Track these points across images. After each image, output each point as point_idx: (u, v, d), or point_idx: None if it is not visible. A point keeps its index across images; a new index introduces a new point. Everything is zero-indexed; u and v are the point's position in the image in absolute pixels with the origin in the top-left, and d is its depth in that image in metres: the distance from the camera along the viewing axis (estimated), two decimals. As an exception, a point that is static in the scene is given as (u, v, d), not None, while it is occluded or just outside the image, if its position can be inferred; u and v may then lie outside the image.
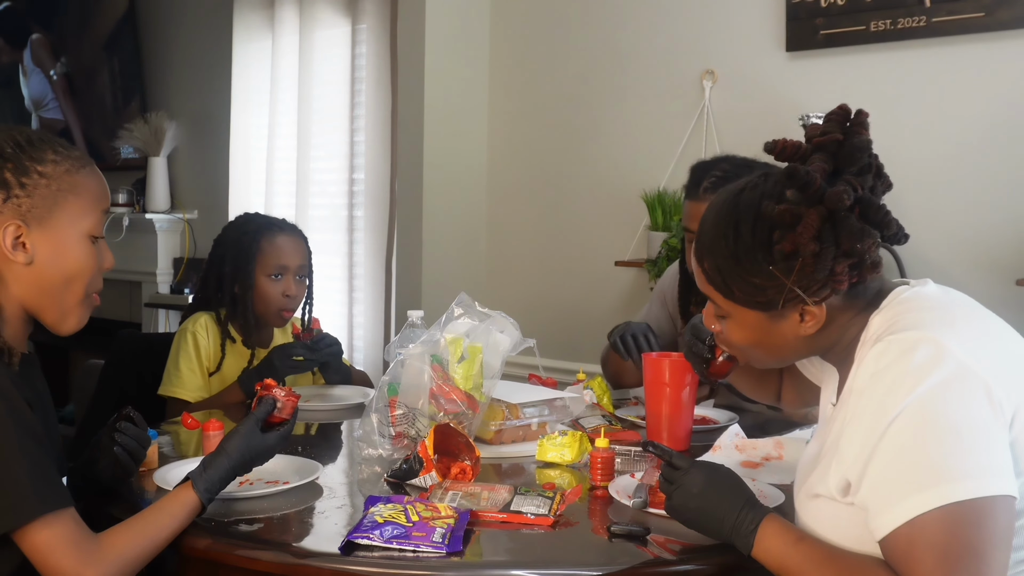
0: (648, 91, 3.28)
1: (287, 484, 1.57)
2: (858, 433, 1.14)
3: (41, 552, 1.24)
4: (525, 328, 1.89)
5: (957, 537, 1.06)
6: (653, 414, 1.84)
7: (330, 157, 3.93)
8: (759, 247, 1.21)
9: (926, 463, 1.08)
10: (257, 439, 1.45)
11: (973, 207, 2.67)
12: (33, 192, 1.32)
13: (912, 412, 1.09)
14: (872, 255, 1.19)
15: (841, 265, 1.17)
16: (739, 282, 1.24)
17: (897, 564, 1.10)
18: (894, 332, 1.16)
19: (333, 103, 3.91)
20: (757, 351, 1.31)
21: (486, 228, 3.78)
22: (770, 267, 1.20)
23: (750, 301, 1.24)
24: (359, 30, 3.81)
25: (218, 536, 1.37)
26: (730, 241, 1.23)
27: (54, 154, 1.35)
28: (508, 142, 3.70)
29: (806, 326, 1.24)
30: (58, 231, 1.34)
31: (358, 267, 3.84)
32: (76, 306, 1.39)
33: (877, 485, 1.12)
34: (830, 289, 1.19)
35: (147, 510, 1.36)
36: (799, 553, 1.19)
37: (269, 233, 2.38)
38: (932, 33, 2.67)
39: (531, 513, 1.42)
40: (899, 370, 1.12)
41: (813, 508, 1.24)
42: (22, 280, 1.34)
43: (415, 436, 1.73)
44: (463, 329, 1.84)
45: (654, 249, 3.08)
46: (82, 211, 1.37)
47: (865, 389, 1.16)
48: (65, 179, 1.35)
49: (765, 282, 1.21)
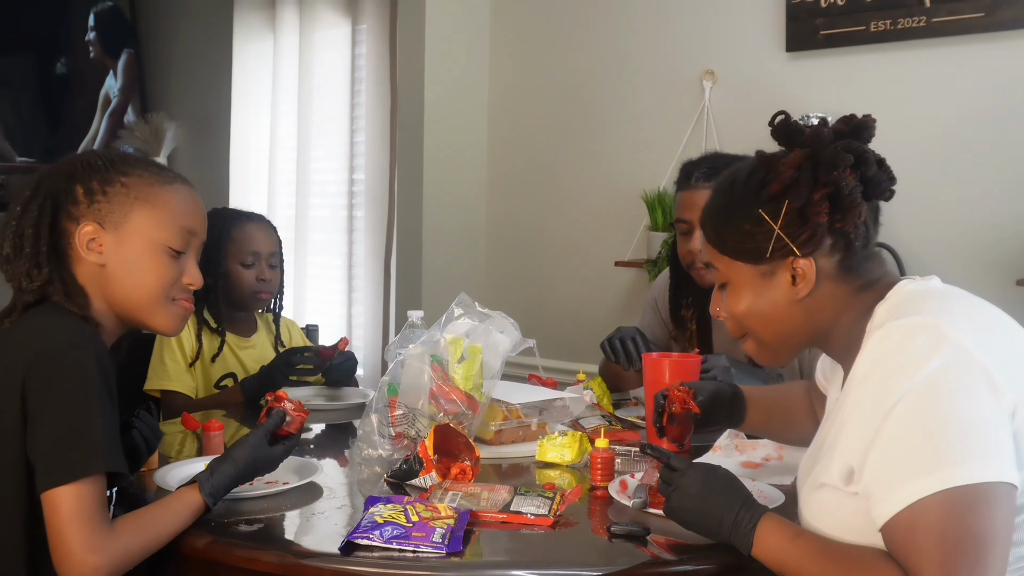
0: (648, 91, 3.29)
1: (287, 484, 1.57)
2: (860, 419, 1.14)
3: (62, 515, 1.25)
4: (525, 328, 1.89)
5: (957, 522, 1.05)
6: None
7: (330, 157, 3.93)
8: (750, 193, 1.26)
9: (926, 448, 1.08)
10: (263, 451, 1.48)
11: (973, 207, 2.67)
12: (112, 199, 1.43)
13: (913, 397, 1.09)
14: (848, 186, 1.20)
15: (819, 193, 1.20)
16: (731, 230, 1.28)
17: (897, 550, 1.09)
18: (896, 318, 1.17)
19: (333, 103, 3.91)
20: (755, 324, 1.31)
21: (486, 228, 3.78)
22: (759, 210, 1.24)
23: (740, 250, 1.28)
24: (359, 30, 3.81)
25: (218, 536, 1.37)
26: (726, 195, 1.30)
27: (143, 170, 1.46)
28: (508, 142, 3.70)
29: (798, 289, 1.25)
30: (130, 237, 1.43)
31: (358, 267, 3.84)
32: (158, 309, 1.46)
33: (878, 471, 1.11)
34: (813, 231, 1.22)
35: (153, 506, 1.38)
36: (797, 548, 1.19)
37: (238, 222, 2.43)
38: (932, 33, 2.67)
39: (531, 513, 1.42)
40: (900, 355, 1.12)
41: (817, 499, 1.23)
42: (101, 281, 1.43)
43: (415, 436, 1.73)
44: (463, 329, 1.84)
45: (654, 249, 3.08)
46: (156, 222, 1.44)
47: (867, 375, 1.16)
48: (144, 190, 1.44)
49: (754, 227, 1.25)
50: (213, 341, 2.39)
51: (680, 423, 1.54)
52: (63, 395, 1.29)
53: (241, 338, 2.45)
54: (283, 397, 1.56)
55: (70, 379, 1.30)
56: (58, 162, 1.49)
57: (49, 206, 1.41)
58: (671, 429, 1.58)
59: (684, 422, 1.55)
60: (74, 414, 1.29)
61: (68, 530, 1.25)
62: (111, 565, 1.27)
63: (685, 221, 2.16)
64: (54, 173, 1.45)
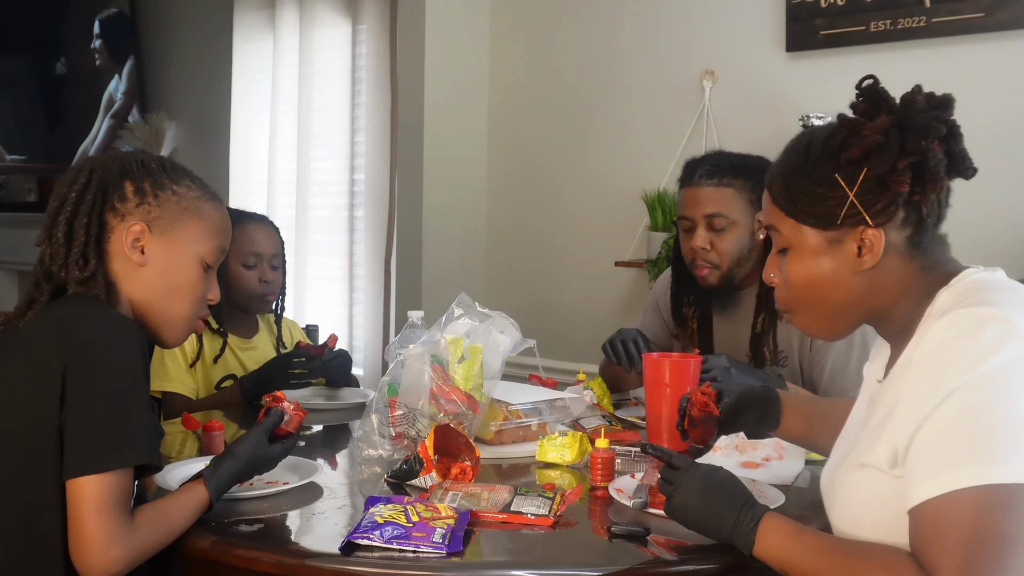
0: (648, 91, 3.28)
1: (287, 484, 1.57)
2: (915, 402, 1.11)
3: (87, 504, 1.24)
4: (525, 329, 1.89)
5: (986, 520, 1.03)
6: (653, 414, 1.84)
7: (330, 157, 3.93)
8: (828, 156, 1.21)
9: (973, 441, 1.06)
10: (263, 449, 1.49)
11: (973, 207, 2.67)
12: (163, 204, 1.45)
13: (971, 388, 1.07)
14: (935, 157, 1.16)
15: (904, 162, 1.16)
16: (802, 193, 1.23)
17: (919, 538, 1.08)
18: (965, 306, 1.13)
19: (333, 103, 3.91)
20: (813, 294, 1.26)
21: (486, 228, 3.78)
22: (835, 174, 1.20)
23: (810, 214, 1.23)
24: (359, 30, 3.81)
25: (218, 536, 1.37)
26: (800, 156, 1.24)
27: (191, 182, 1.50)
28: (508, 142, 3.70)
29: (863, 260, 1.21)
30: (175, 245, 1.46)
31: (358, 267, 3.84)
32: (180, 321, 1.48)
33: (920, 454, 1.09)
34: (890, 201, 1.17)
35: (162, 501, 1.38)
36: (800, 544, 1.18)
37: (239, 223, 2.40)
38: (932, 33, 2.67)
39: (531, 513, 1.42)
40: (965, 344, 1.09)
41: (857, 478, 1.19)
42: (133, 280, 1.44)
43: (415, 436, 1.73)
44: (463, 329, 1.84)
45: (654, 249, 3.08)
46: (201, 235, 1.48)
47: (927, 360, 1.12)
48: (193, 202, 1.48)
49: (828, 192, 1.20)
50: (215, 342, 2.39)
51: (701, 425, 1.52)
52: (105, 384, 1.29)
53: (242, 339, 2.45)
54: (281, 397, 1.57)
55: (113, 368, 1.30)
56: (110, 154, 1.51)
57: (100, 198, 1.42)
58: (692, 432, 1.55)
59: (705, 424, 1.53)
60: (115, 403, 1.29)
61: (94, 520, 1.24)
62: (130, 558, 1.26)
63: (687, 218, 2.17)
64: (107, 165, 1.46)
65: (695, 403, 1.53)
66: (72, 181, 1.43)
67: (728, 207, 2.11)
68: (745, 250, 2.13)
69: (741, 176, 2.13)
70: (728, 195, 2.12)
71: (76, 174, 1.44)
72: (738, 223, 2.12)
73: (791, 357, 2.13)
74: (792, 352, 2.13)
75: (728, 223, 2.11)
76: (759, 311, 2.16)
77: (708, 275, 2.15)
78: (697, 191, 2.14)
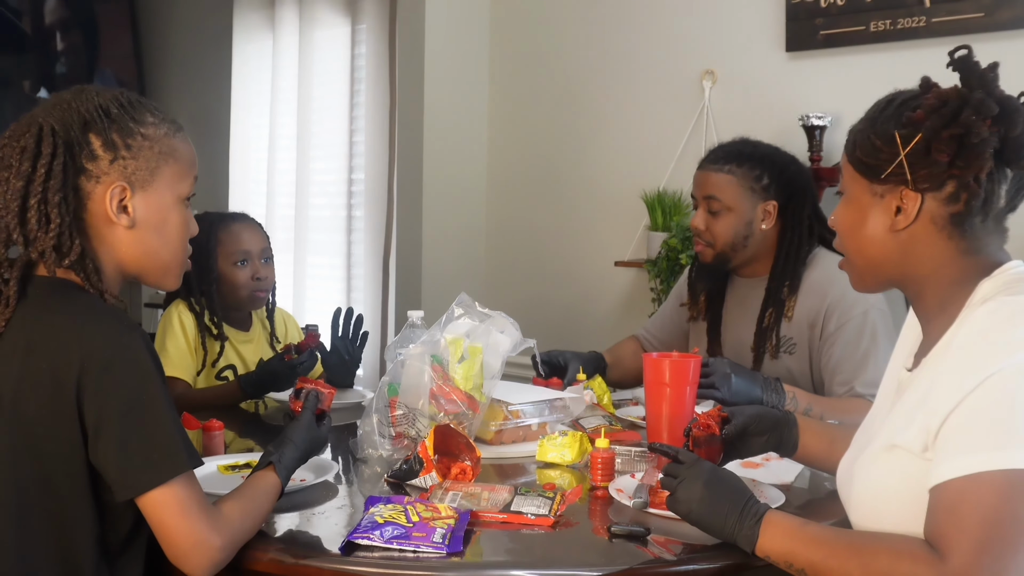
0: (648, 91, 3.28)
1: (303, 481, 1.57)
2: (952, 383, 1.11)
3: (172, 509, 1.21)
4: (525, 329, 1.89)
5: (1007, 503, 1.04)
6: (653, 414, 1.84)
7: (330, 157, 3.93)
8: (898, 112, 1.23)
9: (1004, 426, 1.06)
10: (315, 431, 1.51)
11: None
12: (138, 155, 1.31)
13: (1009, 373, 1.07)
14: (979, 134, 1.17)
15: (949, 132, 1.17)
16: (863, 140, 1.26)
17: (938, 516, 1.08)
18: (1010, 295, 1.15)
19: (333, 103, 3.91)
20: (851, 242, 1.30)
21: (486, 228, 3.78)
22: (895, 131, 1.21)
23: (862, 163, 1.25)
24: (359, 30, 3.81)
25: (218, 536, 1.37)
26: (879, 109, 1.27)
27: (152, 116, 1.34)
28: (508, 142, 3.70)
29: (897, 220, 1.23)
30: (158, 195, 1.34)
31: (357, 267, 3.84)
32: (177, 265, 1.40)
33: (950, 435, 1.09)
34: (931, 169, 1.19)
35: (239, 490, 1.35)
36: (805, 535, 1.19)
37: (224, 224, 2.43)
38: (932, 33, 2.66)
39: (531, 513, 1.42)
40: (1008, 330, 1.11)
41: (886, 459, 1.19)
42: (124, 243, 1.32)
43: (415, 436, 1.73)
44: (463, 329, 1.84)
45: (654, 249, 3.08)
46: (179, 175, 1.37)
47: (967, 344, 1.13)
48: (165, 142, 1.34)
49: (884, 145, 1.22)
50: (215, 346, 2.39)
51: (704, 446, 1.52)
52: (129, 400, 1.22)
53: (239, 332, 2.45)
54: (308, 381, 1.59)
55: (132, 382, 1.22)
56: (58, 101, 1.30)
57: (71, 164, 1.26)
58: (696, 452, 1.55)
59: (708, 445, 1.52)
60: (146, 417, 1.22)
61: (186, 522, 1.21)
62: (231, 545, 1.26)
63: (693, 197, 2.25)
64: (63, 120, 1.28)
65: (699, 423, 1.53)
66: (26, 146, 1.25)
67: (723, 192, 2.17)
68: (740, 236, 2.17)
69: (747, 164, 2.16)
70: (726, 181, 2.17)
71: (27, 134, 1.26)
72: (734, 209, 2.16)
73: (800, 344, 2.15)
74: (802, 339, 2.15)
75: (723, 207, 2.17)
76: (767, 304, 2.18)
77: (703, 252, 2.23)
78: (702, 173, 2.23)
